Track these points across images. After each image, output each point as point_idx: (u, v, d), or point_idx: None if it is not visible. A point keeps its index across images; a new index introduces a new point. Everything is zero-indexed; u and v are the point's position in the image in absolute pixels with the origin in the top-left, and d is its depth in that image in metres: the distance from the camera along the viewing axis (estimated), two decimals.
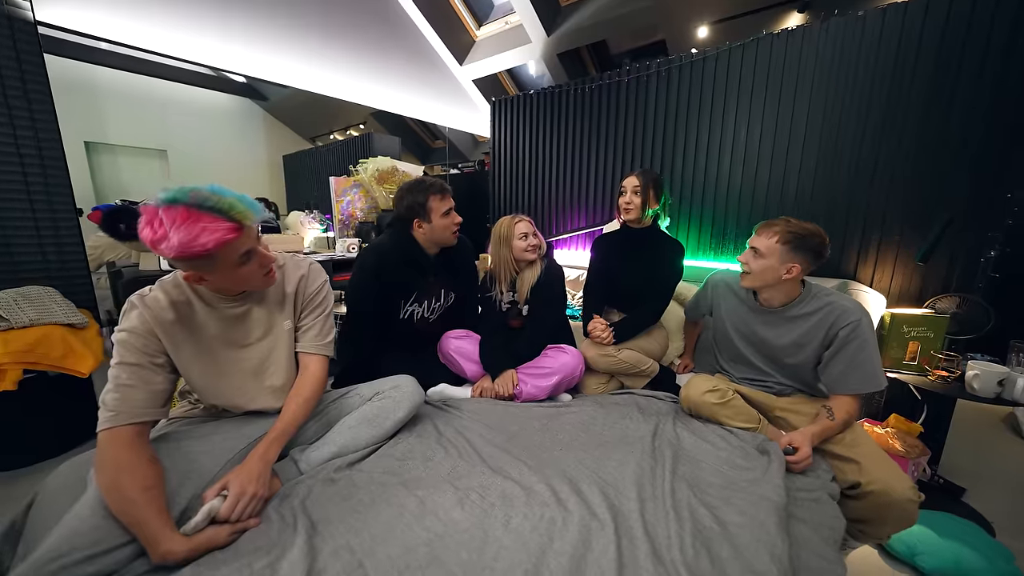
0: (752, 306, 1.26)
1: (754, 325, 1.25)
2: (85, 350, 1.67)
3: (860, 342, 1.07)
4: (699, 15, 2.79)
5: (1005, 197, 1.47)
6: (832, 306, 1.11)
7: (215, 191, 0.80)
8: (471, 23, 4.00)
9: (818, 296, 1.15)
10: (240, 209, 0.81)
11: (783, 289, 1.17)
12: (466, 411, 1.30)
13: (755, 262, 1.16)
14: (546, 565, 0.72)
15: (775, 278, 1.14)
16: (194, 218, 0.75)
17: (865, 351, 1.07)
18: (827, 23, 1.81)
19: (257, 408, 1.02)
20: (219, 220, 0.78)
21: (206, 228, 0.76)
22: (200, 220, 0.76)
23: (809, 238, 1.10)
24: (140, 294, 0.90)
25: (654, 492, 0.92)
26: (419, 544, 0.76)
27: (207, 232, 0.76)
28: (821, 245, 1.11)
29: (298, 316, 1.07)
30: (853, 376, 1.09)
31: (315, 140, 6.88)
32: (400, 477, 0.96)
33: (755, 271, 1.16)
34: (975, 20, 1.53)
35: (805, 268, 1.12)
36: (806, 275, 1.15)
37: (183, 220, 0.75)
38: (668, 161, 2.35)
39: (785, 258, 1.11)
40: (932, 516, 1.30)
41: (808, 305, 1.15)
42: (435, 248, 1.49)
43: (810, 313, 1.14)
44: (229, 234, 0.79)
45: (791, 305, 1.17)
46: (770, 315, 1.21)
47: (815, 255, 1.11)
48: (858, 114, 1.79)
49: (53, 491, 0.87)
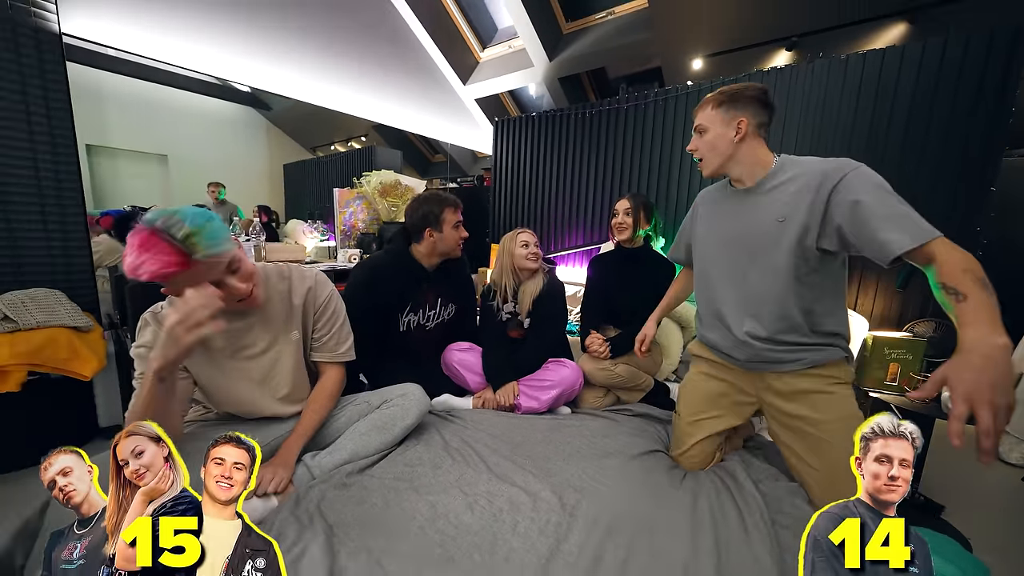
0: (728, 193, 1.11)
1: (731, 219, 1.08)
2: (89, 353, 1.68)
3: (868, 193, 0.85)
4: (694, 48, 2.96)
5: (975, 231, 1.59)
6: (813, 166, 0.95)
7: (184, 219, 0.80)
8: (475, 45, 4.15)
9: (797, 162, 0.99)
10: (194, 242, 0.81)
11: (747, 158, 1.02)
12: (470, 421, 1.34)
13: (702, 140, 1.06)
14: (554, 566, 0.76)
15: (728, 144, 1.01)
16: (149, 244, 0.77)
17: (886, 202, 0.84)
18: (812, 64, 1.96)
19: (267, 415, 1.06)
20: (168, 251, 0.78)
21: (152, 258, 0.77)
22: (152, 248, 0.77)
23: (743, 90, 1.01)
24: (153, 312, 0.95)
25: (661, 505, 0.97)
26: (433, 545, 0.80)
27: (149, 263, 0.77)
28: (758, 91, 1.00)
29: (310, 327, 1.11)
30: (892, 233, 0.81)
31: (316, 150, 6.96)
32: (411, 483, 1.00)
33: (705, 149, 1.05)
34: (944, 68, 1.67)
35: (755, 120, 1.00)
36: (764, 135, 1.03)
37: (139, 244, 0.77)
38: (663, 185, 2.46)
39: (727, 116, 1.01)
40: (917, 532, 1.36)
41: (786, 173, 0.99)
42: (435, 259, 1.55)
43: (790, 179, 0.97)
44: (171, 267, 0.79)
45: (766, 178, 1.01)
46: (746, 195, 1.05)
47: (758, 103, 1.00)
48: (840, 148, 1.92)
49: None
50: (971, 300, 0.69)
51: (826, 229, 0.91)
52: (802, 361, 1.02)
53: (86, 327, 1.74)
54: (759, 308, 1.03)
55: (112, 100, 4.87)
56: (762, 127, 1.02)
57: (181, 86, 5.15)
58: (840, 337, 1.02)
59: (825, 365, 1.01)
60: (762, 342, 1.03)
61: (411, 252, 1.53)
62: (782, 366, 1.04)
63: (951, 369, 0.64)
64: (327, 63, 4.04)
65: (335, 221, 3.22)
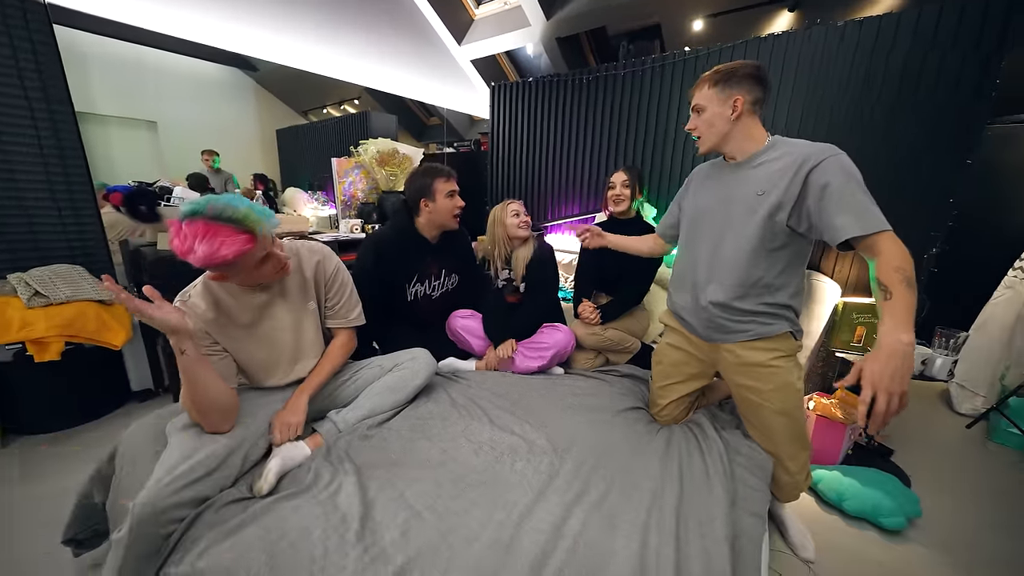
0: (719, 167, 1.18)
1: (718, 189, 1.15)
2: (117, 325, 1.80)
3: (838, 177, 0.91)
4: (695, 7, 2.87)
5: (948, 201, 1.68)
6: (800, 148, 1.00)
7: (230, 203, 0.89)
8: (470, 0, 3.97)
9: (787, 143, 1.05)
10: (253, 218, 0.91)
11: (741, 135, 1.07)
12: (473, 381, 1.49)
13: (700, 119, 1.10)
14: (546, 498, 0.93)
15: (725, 122, 1.06)
16: (213, 231, 0.85)
17: (849, 189, 0.90)
18: (810, 31, 1.94)
19: (297, 376, 1.20)
20: (235, 232, 0.88)
21: (225, 241, 0.86)
22: (219, 233, 0.86)
23: (738, 68, 1.04)
24: (182, 300, 1.04)
25: (638, 450, 1.13)
26: (445, 481, 0.96)
27: (226, 245, 0.86)
28: (753, 68, 1.04)
29: (323, 297, 1.23)
30: (845, 218, 0.89)
31: (308, 114, 6.76)
32: (423, 433, 1.15)
33: (703, 128, 1.10)
34: (937, 40, 1.68)
35: (750, 97, 1.04)
36: (758, 112, 1.08)
37: (204, 233, 0.85)
38: (659, 152, 2.50)
39: (723, 95, 1.05)
40: (861, 471, 1.56)
41: (775, 151, 1.04)
42: (435, 231, 1.64)
43: (777, 157, 1.03)
44: (246, 244, 0.90)
45: (757, 154, 1.07)
46: (735, 169, 1.11)
47: (753, 80, 1.04)
48: (832, 117, 1.95)
49: (134, 444, 1.05)
50: (894, 299, 0.81)
51: (798, 208, 0.98)
52: (748, 332, 1.11)
53: (110, 299, 1.85)
54: (723, 274, 1.11)
55: (96, 63, 4.68)
56: (757, 104, 1.06)
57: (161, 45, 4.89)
58: (790, 310, 1.10)
59: (771, 338, 1.10)
60: (718, 308, 1.13)
61: (414, 226, 1.62)
62: (732, 336, 1.14)
63: (865, 360, 0.79)
64: (313, 25, 3.85)
65: (335, 191, 3.24)
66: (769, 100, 1.09)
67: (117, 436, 1.09)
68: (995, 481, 1.73)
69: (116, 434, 1.10)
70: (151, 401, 2.03)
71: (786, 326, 1.11)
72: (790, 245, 1.05)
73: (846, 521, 1.47)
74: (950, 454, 1.92)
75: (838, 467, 1.60)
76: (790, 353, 1.12)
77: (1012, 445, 1.95)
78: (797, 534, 1.30)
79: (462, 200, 1.62)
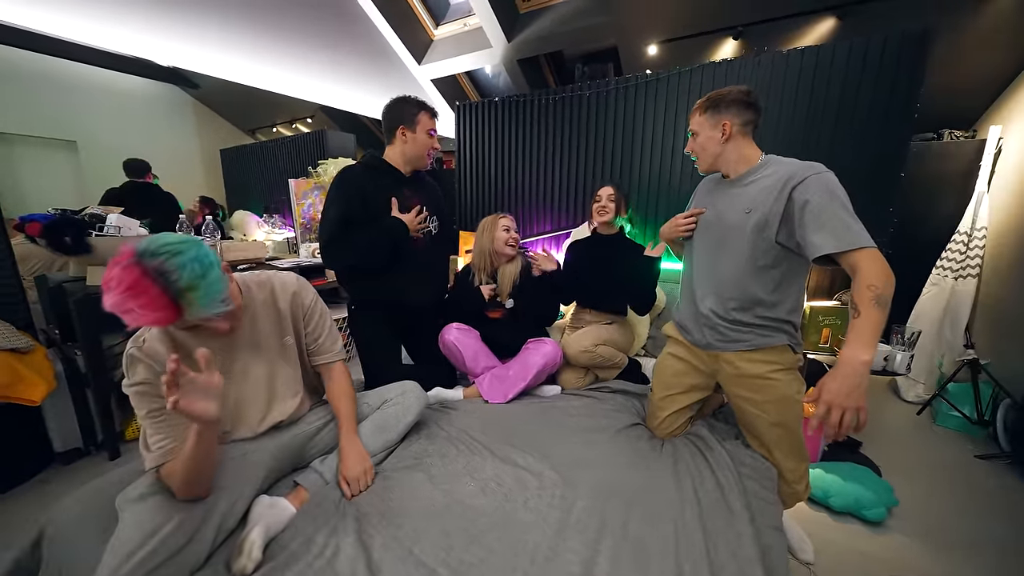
0: (719, 182, 1.23)
1: (714, 206, 1.20)
2: (35, 376, 1.54)
3: (819, 195, 0.94)
4: (650, 33, 3.05)
5: (888, 211, 1.86)
6: (788, 167, 1.04)
7: (186, 265, 0.74)
8: (428, 21, 3.97)
9: (778, 161, 1.09)
10: (192, 298, 0.75)
11: (732, 155, 1.14)
12: (463, 410, 1.41)
13: (695, 143, 1.19)
14: (566, 535, 0.87)
15: (716, 144, 1.14)
16: (139, 288, 0.70)
17: (829, 206, 0.93)
18: (759, 57, 2.11)
19: (273, 421, 1.06)
20: (160, 302, 0.72)
21: (141, 309, 0.70)
22: (145, 293, 0.70)
23: (726, 95, 1.11)
24: (136, 346, 0.87)
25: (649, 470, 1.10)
26: (455, 529, 0.88)
27: (139, 314, 0.71)
28: (740, 93, 1.11)
29: (303, 330, 1.11)
30: (822, 235, 0.92)
31: (255, 133, 6.38)
32: (424, 474, 1.06)
33: (698, 150, 1.19)
34: (867, 63, 1.88)
35: (739, 120, 1.11)
36: (751, 133, 1.14)
37: (129, 286, 0.69)
38: (626, 169, 2.58)
39: (713, 120, 1.13)
40: (839, 466, 1.64)
41: (766, 170, 1.09)
42: (408, 167, 1.55)
43: (767, 175, 1.08)
44: (161, 323, 0.76)
45: (749, 172, 1.12)
46: (730, 185, 1.16)
47: (741, 104, 1.10)
48: (784, 137, 2.11)
49: (67, 524, 0.87)
50: (861, 318, 0.85)
51: (785, 224, 1.01)
52: (746, 343, 1.13)
53: (26, 348, 1.58)
54: (720, 288, 1.16)
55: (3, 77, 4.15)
56: (748, 125, 1.12)
57: (83, 59, 4.45)
58: (789, 324, 1.12)
59: (768, 349, 1.12)
60: (717, 317, 1.16)
61: (384, 159, 1.53)
62: (731, 345, 1.16)
63: (824, 379, 0.86)
64: (264, 43, 3.66)
65: (292, 214, 3.05)
66: (760, 122, 1.15)
67: (39, 513, 0.89)
68: (947, 462, 1.90)
69: (35, 510, 0.89)
70: (80, 462, 1.73)
71: (785, 339, 1.12)
72: (784, 262, 1.07)
73: (832, 517, 1.53)
74: (908, 441, 2.08)
75: (818, 464, 1.68)
76: (789, 367, 1.14)
77: (952, 427, 2.16)
78: (795, 537, 1.33)
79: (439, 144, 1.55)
